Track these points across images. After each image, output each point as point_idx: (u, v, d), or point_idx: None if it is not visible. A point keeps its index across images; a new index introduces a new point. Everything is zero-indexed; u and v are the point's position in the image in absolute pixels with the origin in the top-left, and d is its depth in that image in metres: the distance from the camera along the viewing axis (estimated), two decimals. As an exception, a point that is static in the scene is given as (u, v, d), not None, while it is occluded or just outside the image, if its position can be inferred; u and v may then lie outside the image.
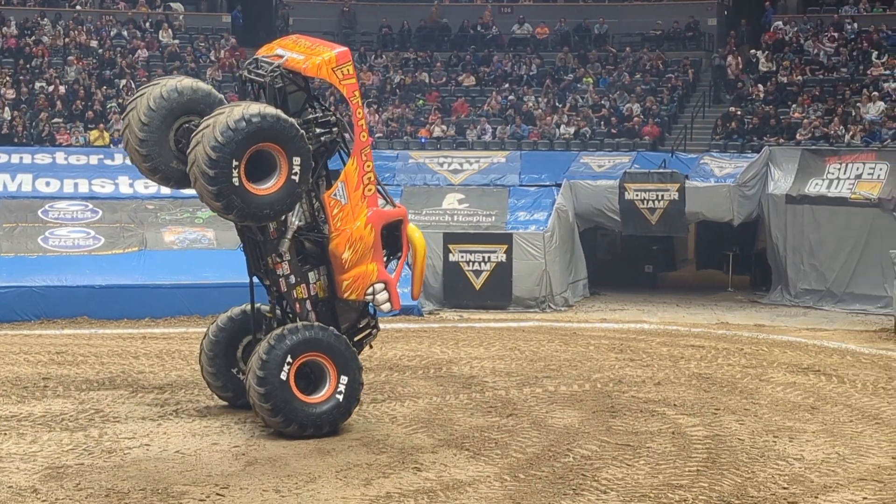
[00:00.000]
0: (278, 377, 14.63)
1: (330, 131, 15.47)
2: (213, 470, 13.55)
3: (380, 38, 38.69)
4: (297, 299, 15.54)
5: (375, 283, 15.59)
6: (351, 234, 15.36)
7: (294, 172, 14.36)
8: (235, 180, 13.99)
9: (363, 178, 15.48)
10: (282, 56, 15.42)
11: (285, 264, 15.43)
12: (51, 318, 24.97)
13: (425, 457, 14.24)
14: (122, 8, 38.61)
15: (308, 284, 15.59)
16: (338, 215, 15.35)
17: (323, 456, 14.23)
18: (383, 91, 35.85)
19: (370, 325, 16.34)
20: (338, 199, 15.36)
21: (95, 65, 35.16)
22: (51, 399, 17.06)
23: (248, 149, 14.04)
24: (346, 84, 15.38)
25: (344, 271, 15.43)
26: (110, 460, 13.89)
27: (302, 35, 16.95)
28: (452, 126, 34.29)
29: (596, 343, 22.60)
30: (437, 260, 27.97)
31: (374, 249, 15.57)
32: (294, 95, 15.39)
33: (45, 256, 26.44)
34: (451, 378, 18.95)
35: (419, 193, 30.31)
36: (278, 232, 15.30)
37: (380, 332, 16.74)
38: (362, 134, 15.51)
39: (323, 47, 15.62)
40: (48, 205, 28.43)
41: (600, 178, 30.00)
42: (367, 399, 17.15)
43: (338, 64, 15.28)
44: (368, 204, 15.54)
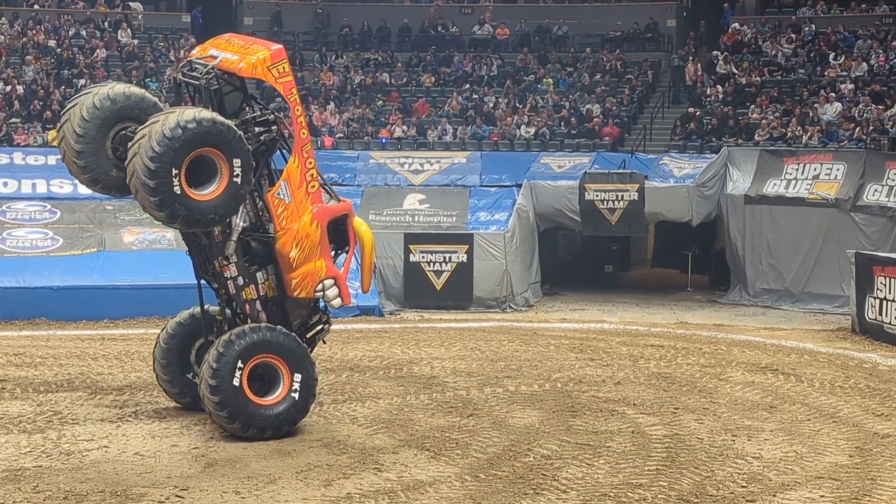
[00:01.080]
0: (231, 384, 14.53)
1: (269, 129, 15.34)
2: (173, 472, 13.49)
3: (340, 38, 38.64)
4: (246, 300, 15.43)
5: (325, 280, 15.51)
6: (297, 232, 15.26)
7: (235, 175, 14.22)
8: (177, 188, 13.81)
9: (306, 175, 15.36)
10: (216, 57, 15.22)
11: (232, 266, 15.29)
12: (8, 320, 24.76)
13: (386, 457, 14.23)
14: (81, 7, 38.38)
15: (257, 285, 15.48)
16: (282, 214, 15.24)
17: (283, 457, 14.20)
18: (343, 91, 35.80)
19: (322, 320, 16.23)
20: (281, 197, 15.24)
21: (54, 64, 34.93)
22: (8, 401, 16.92)
23: (187, 156, 13.87)
24: (283, 82, 15.25)
25: (292, 270, 15.35)
26: (69, 462, 13.80)
27: (235, 34, 16.77)
28: (413, 126, 34.32)
29: (556, 343, 22.67)
30: (397, 260, 27.98)
31: (321, 246, 15.49)
32: (230, 96, 15.22)
33: (3, 257, 26.21)
34: (411, 378, 18.95)
35: (380, 194, 30.28)
36: (223, 234, 15.15)
37: (341, 333, 16.76)
38: (302, 131, 15.40)
39: (257, 46, 15.46)
40: (6, 205, 28.20)
41: (560, 178, 30.09)
42: (328, 400, 17.14)
43: (273, 62, 15.14)
44: (313, 201, 15.43)
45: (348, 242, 16.04)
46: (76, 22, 37.22)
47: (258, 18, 38.80)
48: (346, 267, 16.01)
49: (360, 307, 26.71)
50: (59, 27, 36.69)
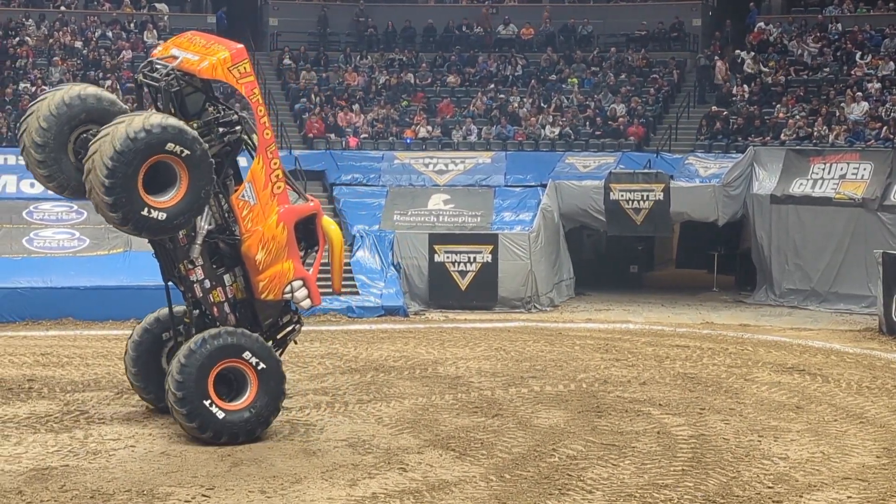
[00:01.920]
0: (197, 394, 14.36)
1: (233, 130, 15.18)
2: (199, 471, 13.53)
3: (364, 39, 38.66)
4: (214, 303, 15.23)
5: (293, 281, 15.35)
6: (263, 233, 15.06)
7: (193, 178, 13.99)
8: (136, 200, 13.63)
9: (271, 175, 15.17)
10: (177, 57, 14.99)
11: (198, 269, 15.09)
12: (36, 320, 24.91)
13: (411, 457, 14.24)
14: (107, 9, 38.51)
15: (224, 287, 15.30)
16: (248, 216, 15.03)
17: (308, 457, 14.23)
18: (368, 92, 35.83)
19: (293, 321, 16.05)
20: (246, 199, 15.03)
21: (80, 66, 35.06)
22: (36, 400, 17.01)
23: (141, 166, 13.66)
24: (244, 83, 15.01)
25: (259, 272, 15.15)
26: (95, 462, 13.86)
27: (198, 32, 16.53)
28: (438, 127, 34.30)
29: (581, 343, 22.63)
30: (422, 261, 28.01)
31: (289, 247, 15.30)
32: (192, 97, 14.99)
33: (30, 258, 26.37)
34: (436, 378, 18.95)
35: (404, 194, 30.32)
36: (188, 238, 14.95)
37: (366, 333, 16.74)
38: (266, 132, 15.19)
39: (218, 46, 15.22)
40: (32, 206, 28.36)
41: (585, 178, 30.07)
42: (353, 399, 17.17)
43: (233, 63, 14.91)
44: (279, 202, 15.24)
45: (317, 242, 15.82)
46: (102, 23, 37.37)
47: (283, 19, 38.86)
48: (316, 267, 15.76)
49: (384, 307, 26.81)
50: (86, 28, 36.83)
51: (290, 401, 16.97)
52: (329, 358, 20.76)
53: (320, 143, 33.36)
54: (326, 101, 35.08)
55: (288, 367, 19.59)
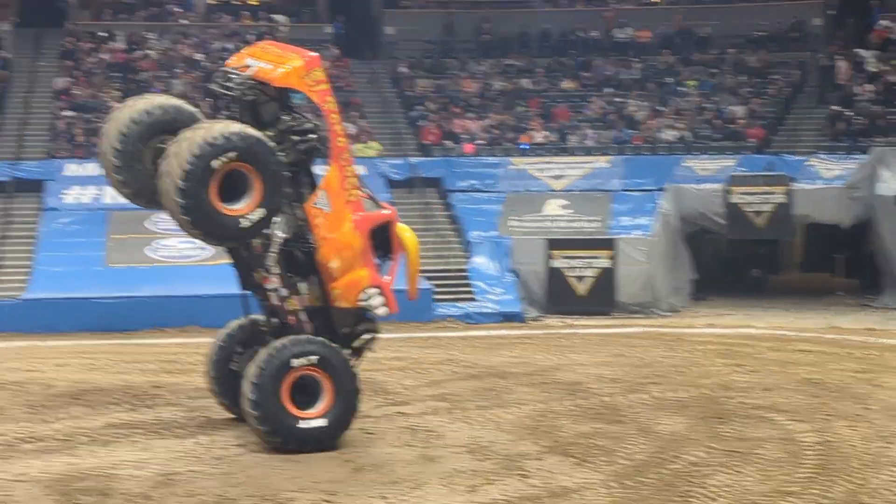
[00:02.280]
0: (271, 398, 14.30)
1: (307, 139, 15.11)
2: (321, 476, 13.62)
3: (480, 45, 38.71)
4: (290, 311, 15.17)
5: (368, 288, 15.20)
6: (337, 241, 14.95)
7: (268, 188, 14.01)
8: (208, 207, 13.68)
9: (345, 183, 15.07)
10: (251, 66, 14.97)
11: (274, 277, 15.03)
12: (161, 328, 25.43)
13: (531, 463, 14.16)
14: (227, 21, 39.19)
15: (300, 295, 15.21)
16: (322, 224, 14.92)
17: (428, 462, 14.24)
18: (484, 98, 35.87)
19: (369, 329, 15.83)
20: (320, 207, 14.94)
21: (201, 78, 35.72)
22: (162, 407, 17.31)
23: (217, 172, 13.69)
24: (317, 90, 14.92)
25: (334, 279, 15.04)
26: (220, 467, 14.05)
27: (273, 42, 16.49)
28: (554, 132, 34.19)
29: (702, 348, 22.34)
30: (539, 266, 27.96)
31: (364, 254, 15.17)
32: (266, 106, 14.95)
33: (154, 267, 26.93)
34: (555, 384, 18.86)
35: (521, 200, 30.30)
36: (263, 246, 14.91)
37: (484, 339, 16.69)
38: (339, 139, 15.08)
39: (292, 54, 15.19)
40: (156, 216, 28.92)
41: (704, 181, 29.72)
42: (472, 405, 17.16)
43: (307, 71, 14.85)
44: (353, 209, 15.14)
45: (393, 249, 15.66)
46: (222, 35, 38.03)
47: (400, 27, 39.11)
48: (392, 274, 15.63)
49: (502, 313, 26.82)
50: (206, 41, 37.52)
51: (409, 406, 17.07)
52: (447, 364, 20.79)
53: (436, 150, 33.48)
54: (442, 108, 35.21)
55: (406, 374, 19.78)
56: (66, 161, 31.16)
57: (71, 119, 33.02)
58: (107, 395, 17.98)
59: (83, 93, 34.27)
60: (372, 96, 36.54)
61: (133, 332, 25.07)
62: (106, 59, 35.97)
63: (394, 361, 21.09)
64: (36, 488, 12.99)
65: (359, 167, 31.34)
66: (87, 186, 30.00)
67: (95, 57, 36.04)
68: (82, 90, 34.39)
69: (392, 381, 19.16)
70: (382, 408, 17.07)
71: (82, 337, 24.74)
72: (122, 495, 12.83)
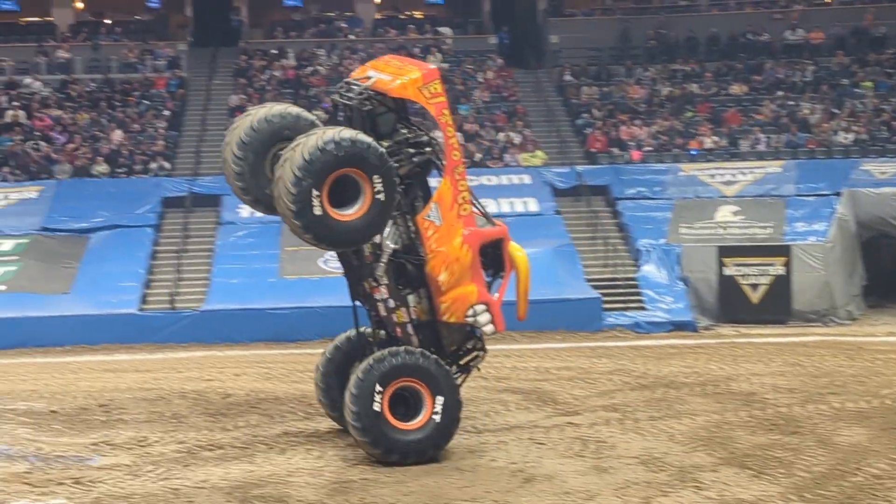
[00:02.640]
0: (371, 409, 14.31)
1: (422, 151, 15.03)
2: (492, 486, 13.63)
3: (647, 51, 38.35)
4: (397, 323, 15.12)
5: (476, 305, 15.01)
6: (447, 255, 14.83)
7: (378, 193, 14.00)
8: (317, 210, 13.74)
9: (457, 197, 14.92)
10: (371, 77, 15.04)
11: (383, 288, 15.02)
12: (332, 337, 25.59)
13: (705, 475, 13.91)
14: (393, 35, 39.71)
15: (408, 308, 15.13)
16: (432, 237, 14.82)
17: (600, 474, 14.11)
18: (651, 104, 35.50)
19: (476, 347, 15.67)
20: (432, 220, 14.83)
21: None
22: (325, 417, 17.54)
23: (327, 177, 13.77)
24: (434, 103, 14.87)
25: (442, 293, 14.94)
26: (392, 476, 14.17)
27: (396, 55, 16.40)
28: (724, 137, 33.63)
29: (884, 357, 21.65)
30: (711, 274, 27.54)
31: (473, 270, 14.99)
32: (384, 117, 14.98)
33: (326, 278, 27.34)
34: (729, 395, 18.50)
35: (691, 207, 29.89)
36: (374, 256, 14.93)
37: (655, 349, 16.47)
38: (454, 153, 14.94)
39: (411, 66, 15.22)
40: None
41: (883, 185, 28.89)
42: (644, 416, 16.96)
43: (424, 83, 14.82)
44: (464, 224, 14.97)
45: (503, 267, 15.43)
46: (389, 49, 38.48)
47: (564, 35, 39.01)
48: (501, 292, 15.41)
49: (673, 322, 26.49)
50: (373, 55, 38.02)
51: (579, 417, 16.96)
52: (617, 374, 20.60)
53: (603, 157, 33.27)
54: (609, 115, 34.97)
55: (575, 384, 19.67)
56: (241, 176, 31.89)
57: (245, 135, 33.81)
58: (283, 404, 18.36)
59: (256, 109, 35.10)
60: (537, 105, 36.52)
61: (306, 341, 25.51)
62: (277, 76, 36.82)
63: (563, 371, 21.01)
64: (216, 495, 13.32)
65: (524, 176, 31.84)
66: (262, 200, 30.66)
67: (267, 74, 36.92)
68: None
69: (561, 391, 19.08)
70: (552, 418, 17.00)
71: (258, 347, 25.34)
72: (298, 502, 13.07)
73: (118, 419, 17.31)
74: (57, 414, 17.73)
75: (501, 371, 21.12)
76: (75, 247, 29.12)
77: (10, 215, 30.16)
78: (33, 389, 20.25)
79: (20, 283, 27.52)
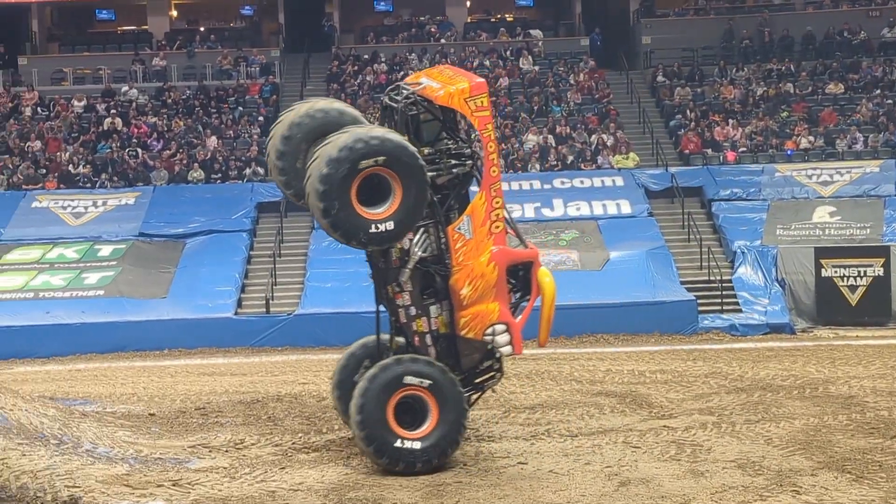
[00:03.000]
0: (376, 418, 14.10)
1: (464, 163, 14.82)
2: (587, 490, 13.56)
3: (741, 51, 37.92)
4: (416, 332, 14.94)
5: (496, 324, 14.68)
6: (472, 270, 14.58)
7: (407, 193, 13.85)
8: (346, 209, 13.66)
9: (491, 213, 14.65)
10: (421, 84, 14.94)
11: (406, 295, 14.84)
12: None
13: (804, 480, 13.69)
14: (484, 38, 39.75)
15: (429, 318, 14.92)
16: (461, 249, 14.60)
17: (697, 477, 13.96)
18: (745, 104, 35.09)
19: (494, 367, 15.37)
20: (462, 232, 14.59)
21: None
22: (428, 419, 17.59)
23: (356, 176, 13.66)
24: (479, 116, 14.62)
25: (462, 308, 14.69)
26: (487, 479, 14.17)
27: (451, 66, 16.22)
28: (820, 136, 33.13)
29: None
30: (808, 276, 27.18)
31: (498, 289, 14.68)
32: (429, 124, 14.85)
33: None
34: (828, 398, 18.20)
35: (787, 207, 29.54)
36: (401, 261, 14.77)
37: (751, 351, 16.25)
38: (493, 168, 14.68)
39: (461, 77, 15.02)
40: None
41: None
42: (740, 419, 16.76)
43: (471, 95, 14.58)
44: (495, 241, 14.69)
45: (531, 291, 15.08)
46: (480, 53, 38.58)
47: (656, 36, 38.75)
48: (525, 316, 15.06)
49: (769, 325, 26.19)
50: (465, 59, 38.15)
51: (674, 420, 16.81)
52: (713, 377, 20.38)
53: (697, 158, 32.98)
54: (702, 115, 34.64)
55: (670, 387, 19.51)
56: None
57: (337, 140, 34.10)
58: (376, 408, 18.41)
59: (348, 114, 35.37)
60: (629, 106, 36.31)
61: (399, 345, 25.61)
62: (369, 81, 37.06)
63: (658, 374, 20.85)
64: (312, 497, 13.43)
65: (617, 178, 31.69)
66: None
67: (359, 79, 37.18)
68: (347, 111, 35.49)
69: (656, 394, 18.93)
70: (647, 421, 16.87)
71: (351, 350, 25.46)
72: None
73: (215, 422, 17.52)
74: (155, 417, 18.01)
75: (596, 374, 21.03)
76: (172, 252, 29.63)
77: (108, 221, 30.79)
78: (132, 393, 20.63)
79: (118, 288, 28.05)
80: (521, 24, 41.15)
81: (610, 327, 25.69)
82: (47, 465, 14.04)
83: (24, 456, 14.12)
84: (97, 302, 27.49)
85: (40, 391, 20.19)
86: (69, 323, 26.75)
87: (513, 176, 32.34)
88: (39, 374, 23.88)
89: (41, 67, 38.60)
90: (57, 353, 26.20)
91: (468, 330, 14.79)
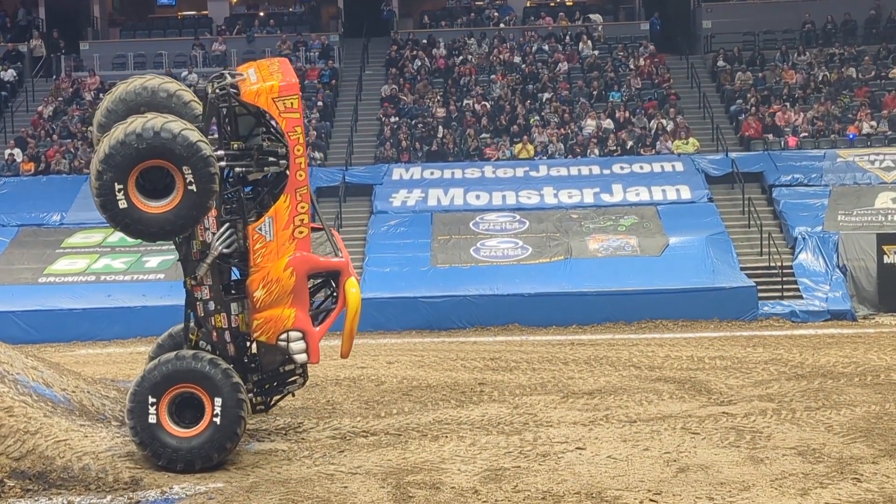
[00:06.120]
0: (147, 422, 13.77)
1: (277, 163, 14.47)
2: (646, 475, 13.54)
3: (802, 35, 37.50)
4: (215, 328, 14.65)
5: (291, 331, 14.42)
6: (269, 273, 14.30)
7: (189, 184, 13.42)
8: (122, 203, 13.30)
9: (294, 218, 14.37)
10: (242, 76, 14.63)
11: (205, 289, 14.58)
12: (483, 326, 25.97)
13: (865, 467, 13.58)
14: (544, 23, 39.62)
15: (229, 315, 14.62)
16: (259, 250, 14.33)
17: (756, 464, 13.89)
18: (807, 89, 34.72)
19: (296, 371, 15.14)
20: (262, 233, 14.32)
21: (519, 80, 36.25)
22: (487, 403, 17.66)
23: (131, 170, 13.31)
24: (287, 117, 14.38)
25: (256, 310, 14.41)
26: (545, 464, 14.18)
27: (288, 63, 15.79)
28: (884, 121, 32.70)
29: None
30: (870, 262, 26.91)
31: (295, 295, 14.40)
32: (244, 118, 14.52)
33: (477, 266, 27.52)
34: (890, 385, 18.01)
35: (849, 193, 29.24)
36: (200, 254, 14.47)
37: (812, 338, 16.11)
38: (299, 172, 14.40)
39: (278, 76, 14.63)
40: (479, 217, 29.68)
41: None
42: (801, 406, 16.64)
43: (280, 95, 14.33)
44: (297, 247, 14.41)
45: (340, 300, 14.77)
46: (539, 37, 38.47)
47: (717, 21, 38.43)
48: (325, 326, 14.76)
49: (830, 311, 25.97)
50: (524, 44, 38.07)
51: (734, 407, 16.72)
52: (773, 363, 20.24)
53: (758, 144, 32.70)
54: (763, 100, 34.32)
55: (730, 373, 19.41)
56: (394, 165, 32.38)
57: (396, 124, 34.22)
58: (435, 392, 18.53)
59: (407, 98, 35.46)
60: (689, 91, 36.05)
61: (457, 330, 25.70)
62: (428, 65, 37.08)
63: (717, 361, 20.74)
64: (370, 481, 13.52)
65: (677, 163, 31.51)
66: (413, 189, 31.09)
67: (418, 63, 37.22)
68: (406, 96, 35.58)
69: (715, 380, 18.84)
70: (707, 408, 16.80)
71: (410, 335, 25.63)
72: (451, 489, 13.17)
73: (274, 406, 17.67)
74: (216, 399, 18.17)
75: (655, 360, 20.96)
76: (231, 236, 29.82)
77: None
78: (194, 375, 20.80)
79: (179, 271, 28.24)
80: (581, 9, 40.98)
81: (669, 313, 25.58)
82: (109, 446, 14.24)
83: (86, 437, 14.32)
84: (158, 285, 27.75)
85: (102, 373, 20.45)
86: (130, 306, 27.04)
87: (571, 161, 32.29)
88: (101, 357, 24.19)
89: (102, 53, 39.00)
90: (118, 336, 26.50)
91: (261, 333, 14.53)
